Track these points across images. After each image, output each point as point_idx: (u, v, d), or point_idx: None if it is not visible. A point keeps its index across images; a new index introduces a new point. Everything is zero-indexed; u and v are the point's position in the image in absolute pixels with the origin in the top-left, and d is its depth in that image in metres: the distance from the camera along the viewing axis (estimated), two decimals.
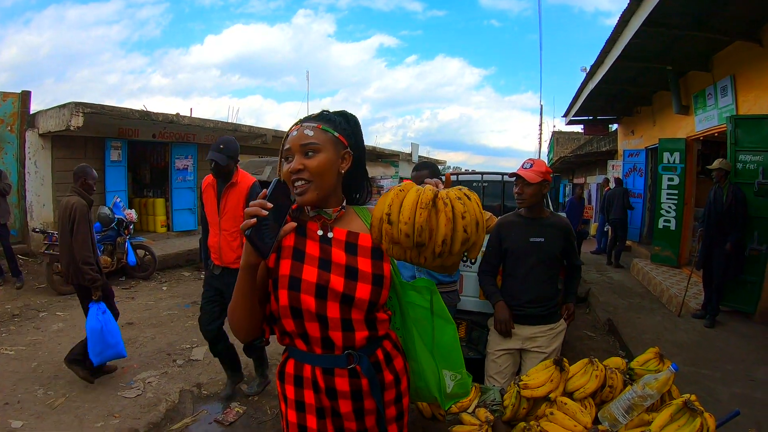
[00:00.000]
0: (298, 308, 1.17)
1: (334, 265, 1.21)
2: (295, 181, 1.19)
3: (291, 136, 1.23)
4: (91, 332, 3.55)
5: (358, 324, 1.21)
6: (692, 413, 1.36)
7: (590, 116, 11.90)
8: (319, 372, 1.21)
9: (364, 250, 1.25)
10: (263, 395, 3.71)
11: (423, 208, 1.10)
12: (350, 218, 1.32)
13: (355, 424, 1.24)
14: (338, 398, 1.22)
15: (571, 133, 22.44)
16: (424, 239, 1.11)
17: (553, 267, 2.60)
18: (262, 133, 12.00)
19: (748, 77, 5.62)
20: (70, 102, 7.58)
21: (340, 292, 1.18)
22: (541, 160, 2.59)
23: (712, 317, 5.16)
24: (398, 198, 1.14)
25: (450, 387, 1.43)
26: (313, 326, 1.19)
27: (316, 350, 1.21)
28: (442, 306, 1.44)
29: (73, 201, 3.79)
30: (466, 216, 1.13)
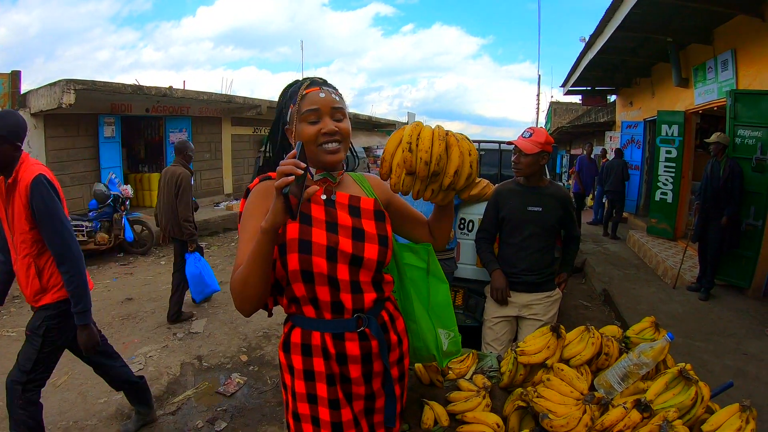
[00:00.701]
0: (309, 271, 1.17)
1: (341, 227, 1.22)
2: (327, 141, 1.22)
3: (317, 97, 1.23)
4: (191, 276, 4.53)
5: (366, 286, 1.23)
6: (687, 382, 1.38)
7: (588, 87, 11.80)
8: (329, 338, 1.21)
9: (367, 213, 1.28)
10: (263, 365, 3.77)
11: (441, 140, 1.19)
12: (348, 184, 1.36)
13: (363, 388, 1.26)
14: (348, 363, 1.23)
15: (569, 104, 22.24)
16: (441, 168, 1.20)
17: (549, 236, 2.59)
18: (256, 104, 11.91)
19: (750, 52, 5.55)
20: (61, 79, 7.45)
21: (349, 254, 1.19)
22: (542, 130, 2.56)
23: (707, 290, 5.22)
24: (415, 131, 1.21)
25: (445, 345, 1.48)
26: (323, 290, 1.19)
27: (325, 315, 1.22)
28: (437, 266, 1.49)
29: (180, 171, 4.60)
30: (472, 153, 1.23)
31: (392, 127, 20.38)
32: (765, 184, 5.04)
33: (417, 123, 1.23)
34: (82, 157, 8.87)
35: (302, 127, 1.23)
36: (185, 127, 11.05)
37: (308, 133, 1.22)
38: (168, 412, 3.11)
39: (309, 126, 1.22)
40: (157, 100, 9.83)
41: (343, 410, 1.23)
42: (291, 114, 1.26)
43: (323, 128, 1.22)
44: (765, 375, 3.53)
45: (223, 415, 3.08)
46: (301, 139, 1.22)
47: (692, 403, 1.34)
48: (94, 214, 6.82)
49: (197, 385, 3.46)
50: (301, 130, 1.23)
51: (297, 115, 1.24)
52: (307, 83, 1.27)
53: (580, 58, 9.07)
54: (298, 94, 1.25)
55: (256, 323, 4.58)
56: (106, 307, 5.03)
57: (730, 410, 1.27)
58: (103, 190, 6.98)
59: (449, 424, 1.45)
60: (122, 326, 4.52)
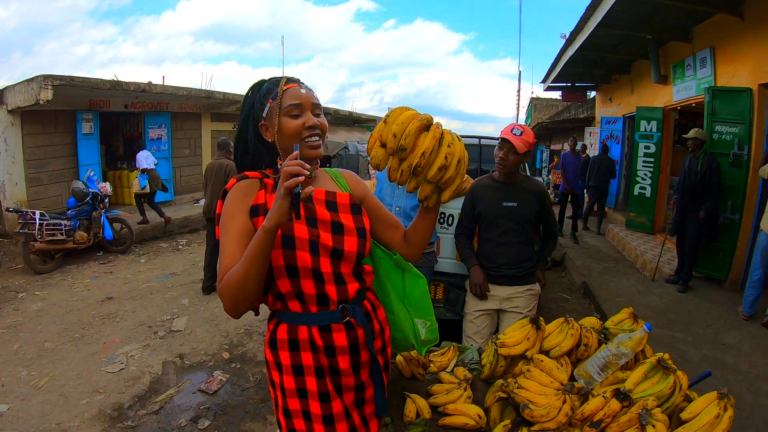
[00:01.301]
0: (294, 266, 1.19)
1: (320, 222, 1.24)
2: (310, 135, 1.25)
3: (299, 93, 1.26)
4: None
5: (348, 277, 1.26)
6: (665, 371, 1.40)
7: (569, 83, 11.88)
8: (316, 331, 1.23)
9: (344, 207, 1.30)
10: (245, 362, 3.75)
11: (418, 120, 1.20)
12: (323, 179, 1.38)
13: (353, 379, 1.28)
14: (336, 354, 1.25)
15: (549, 100, 22.39)
16: (408, 144, 1.19)
17: (526, 231, 2.60)
18: (236, 99, 11.77)
19: (728, 50, 5.64)
20: (39, 75, 7.28)
21: (330, 247, 1.22)
22: (530, 130, 2.55)
23: (685, 282, 5.32)
24: (401, 110, 1.24)
25: (423, 334, 1.49)
26: (308, 283, 1.21)
27: (311, 309, 1.23)
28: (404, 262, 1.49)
29: (227, 162, 5.26)
30: (452, 147, 1.22)
31: (373, 123, 20.30)
32: (742, 179, 5.16)
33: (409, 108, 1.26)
34: (60, 154, 8.69)
35: (285, 122, 1.24)
36: (164, 123, 10.89)
37: (292, 127, 1.24)
38: (151, 411, 3.08)
39: (292, 120, 1.24)
40: (136, 96, 9.67)
41: (334, 403, 1.25)
42: (270, 109, 1.27)
43: (306, 122, 1.24)
44: (742, 365, 3.61)
45: (206, 413, 3.06)
46: (284, 133, 1.25)
47: (671, 391, 1.36)
48: (73, 213, 6.68)
49: (179, 384, 3.43)
50: (285, 125, 1.24)
51: (279, 109, 1.25)
52: (285, 80, 1.29)
53: (561, 54, 9.12)
54: (279, 90, 1.26)
55: (237, 320, 4.54)
56: (86, 307, 4.94)
57: (708, 398, 1.29)
58: (81, 187, 6.83)
59: (431, 416, 1.46)
60: (103, 326, 4.45)
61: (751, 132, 5.11)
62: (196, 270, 6.49)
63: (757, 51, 5.04)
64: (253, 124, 1.31)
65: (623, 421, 1.27)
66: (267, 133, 1.30)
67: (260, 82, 1.35)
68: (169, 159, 10.90)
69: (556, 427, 1.23)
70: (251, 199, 1.24)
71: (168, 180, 10.80)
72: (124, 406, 3.12)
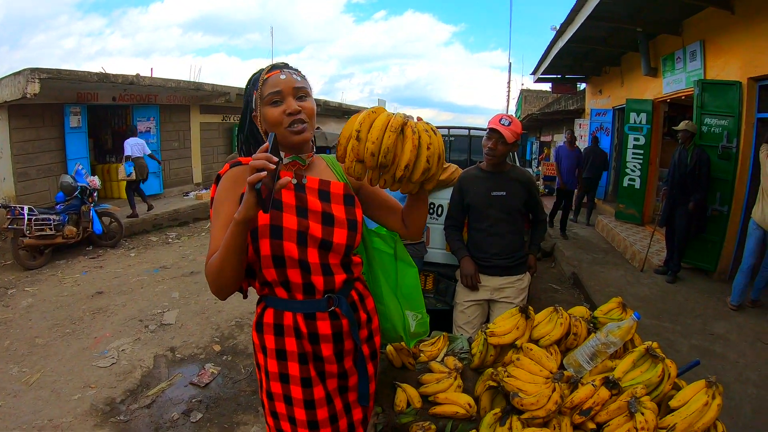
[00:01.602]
0: (280, 256, 1.20)
1: (310, 212, 1.24)
2: (293, 122, 1.23)
3: (278, 79, 1.25)
4: None
5: (335, 268, 1.26)
6: (654, 360, 1.41)
7: (559, 75, 11.88)
8: (301, 318, 1.25)
9: (337, 197, 1.29)
10: (236, 355, 3.75)
11: (392, 132, 1.13)
12: (320, 167, 1.37)
13: (336, 367, 1.29)
14: (320, 342, 1.26)
15: (540, 91, 22.47)
16: (388, 161, 1.15)
17: (516, 220, 2.61)
18: (225, 91, 11.69)
19: (718, 43, 5.67)
20: (26, 68, 7.16)
21: (319, 238, 1.22)
22: (517, 120, 2.56)
23: (674, 273, 5.38)
24: (369, 118, 1.16)
25: (413, 326, 1.51)
26: (294, 273, 1.22)
27: (297, 296, 1.25)
28: (404, 251, 1.51)
29: None
30: (431, 147, 1.17)
31: None
32: (730, 171, 5.21)
33: (375, 109, 1.20)
34: (47, 148, 8.58)
35: (266, 111, 1.25)
36: (153, 116, 10.79)
37: (273, 116, 1.24)
38: (143, 405, 3.06)
39: (272, 108, 1.24)
40: (124, 89, 9.55)
41: (315, 388, 1.27)
42: (255, 100, 1.28)
43: (287, 108, 1.23)
44: (730, 354, 3.66)
45: (198, 406, 3.05)
46: (266, 122, 1.25)
47: (659, 380, 1.37)
48: (62, 207, 6.61)
49: (171, 377, 3.41)
50: (266, 114, 1.25)
51: (260, 99, 1.26)
52: (268, 68, 1.29)
53: (551, 46, 9.12)
54: (260, 80, 1.27)
55: (228, 312, 4.54)
56: (76, 302, 4.90)
57: (696, 386, 1.31)
58: (70, 181, 6.75)
59: (422, 405, 1.47)
60: (93, 320, 4.42)
61: (740, 125, 5.15)
62: (186, 263, 6.46)
63: (747, 45, 5.07)
64: (250, 115, 1.33)
65: (612, 408, 1.29)
66: (259, 123, 1.30)
67: (255, 73, 1.34)
68: (158, 152, 10.80)
69: (546, 415, 1.24)
70: (242, 187, 1.21)
71: (157, 173, 10.72)
72: (116, 400, 3.11)
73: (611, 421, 1.27)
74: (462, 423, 1.38)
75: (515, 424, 1.26)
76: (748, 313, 4.42)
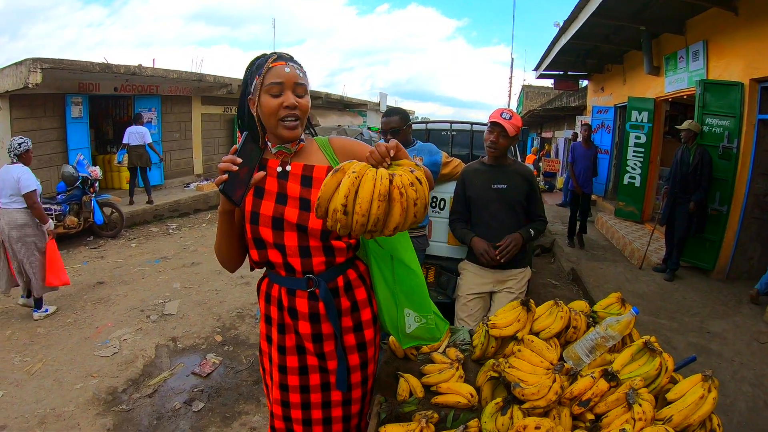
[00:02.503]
0: (259, 239, 1.33)
1: (289, 198, 1.32)
2: (287, 116, 1.28)
3: (282, 71, 1.28)
4: None
5: (315, 250, 1.33)
6: (652, 353, 1.43)
7: (561, 71, 11.87)
8: (284, 291, 1.36)
9: (319, 182, 1.28)
10: (238, 345, 3.78)
11: (381, 201, 1.06)
12: (310, 151, 1.41)
13: (313, 346, 1.38)
14: (299, 318, 1.36)
15: (541, 88, 22.40)
16: (378, 228, 1.10)
17: (517, 213, 2.62)
18: (227, 82, 11.68)
19: (721, 44, 5.68)
20: (27, 58, 7.14)
21: (294, 223, 1.30)
22: (517, 114, 2.59)
23: (672, 271, 5.41)
24: (354, 186, 1.07)
25: (411, 328, 1.43)
26: (274, 253, 1.33)
27: (281, 273, 1.37)
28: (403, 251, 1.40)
29: None
30: (418, 203, 1.11)
31: (364, 107, 20.13)
32: (730, 171, 5.23)
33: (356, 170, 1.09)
34: (49, 138, 8.57)
35: (265, 99, 1.28)
36: (155, 107, 10.76)
37: (270, 106, 1.27)
38: (145, 394, 3.10)
39: (271, 99, 1.27)
40: (126, 79, 9.53)
41: (289, 357, 1.39)
42: (255, 85, 1.30)
43: (285, 102, 1.27)
44: (726, 352, 3.70)
45: (200, 396, 3.08)
46: (262, 109, 1.29)
47: (657, 373, 1.40)
48: (63, 197, 6.62)
49: (173, 367, 3.44)
50: (264, 102, 1.28)
51: (261, 87, 1.28)
52: (275, 57, 1.31)
53: (554, 42, 9.11)
54: (265, 67, 1.28)
55: (229, 303, 4.58)
56: (77, 292, 4.92)
57: (693, 380, 1.33)
58: (71, 172, 6.75)
59: (424, 395, 1.49)
60: (95, 310, 4.44)
61: (741, 125, 5.17)
62: (187, 254, 6.48)
63: (750, 46, 5.08)
64: (246, 99, 1.37)
65: (611, 400, 1.31)
66: (253, 107, 1.34)
67: (256, 58, 1.36)
68: (160, 142, 10.78)
69: (546, 405, 1.26)
70: None
71: (158, 164, 10.74)
72: (118, 389, 3.13)
73: (609, 412, 1.30)
74: (464, 412, 1.40)
75: (516, 414, 1.28)
76: (745, 312, 4.45)
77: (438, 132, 4.42)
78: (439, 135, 4.36)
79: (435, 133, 4.39)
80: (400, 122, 2.94)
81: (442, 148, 3.34)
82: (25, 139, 4.37)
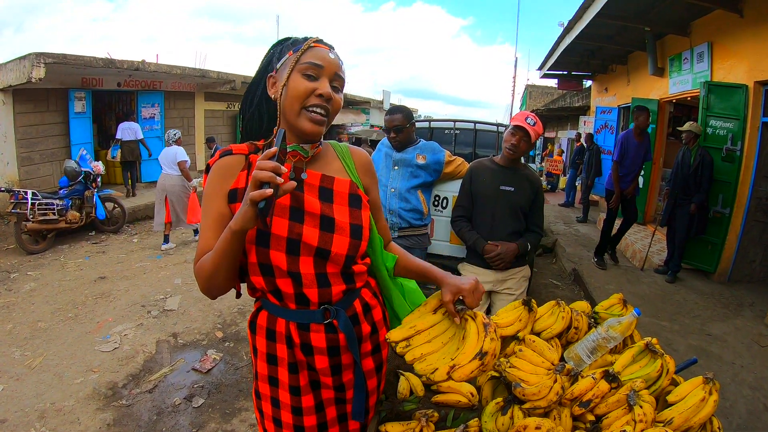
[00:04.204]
0: (267, 265, 1.06)
1: (307, 215, 1.08)
2: (317, 106, 1.07)
3: (326, 55, 1.09)
4: None
5: (334, 278, 1.12)
6: (653, 355, 1.43)
7: (565, 71, 11.84)
8: (294, 327, 1.12)
9: (341, 197, 1.14)
10: (238, 341, 3.79)
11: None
12: (327, 158, 1.21)
13: (331, 379, 1.18)
14: (314, 354, 1.14)
15: (545, 87, 22.41)
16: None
17: (519, 218, 2.61)
18: (231, 78, 11.73)
19: (725, 46, 5.66)
20: (31, 53, 7.18)
21: (314, 247, 1.07)
22: (539, 120, 2.57)
23: (674, 273, 5.40)
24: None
25: None
26: (285, 282, 1.09)
27: (290, 306, 1.12)
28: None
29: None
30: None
31: (367, 105, 20.11)
32: (734, 173, 5.22)
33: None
34: (52, 133, 8.61)
35: (296, 79, 1.06)
36: (158, 102, 10.81)
37: (299, 88, 1.06)
38: (145, 390, 3.10)
39: (304, 80, 1.06)
40: (129, 74, 9.58)
41: (305, 397, 1.17)
42: (286, 61, 1.09)
43: (319, 89, 1.06)
44: (727, 355, 3.69)
45: (200, 392, 3.09)
46: (289, 90, 1.07)
47: (658, 374, 1.39)
48: (65, 192, 6.63)
49: (173, 363, 3.45)
50: (293, 82, 1.06)
51: (294, 63, 1.06)
52: (316, 38, 1.11)
53: (558, 42, 9.10)
54: (305, 44, 1.08)
55: (230, 299, 4.53)
56: (79, 287, 4.94)
57: (693, 382, 1.33)
58: (73, 166, 6.77)
59: (424, 393, 1.49)
60: (96, 305, 4.45)
61: (745, 128, 5.16)
62: (188, 249, 6.50)
63: (755, 48, 5.07)
64: (264, 76, 1.16)
65: (612, 401, 1.31)
66: (272, 87, 1.12)
67: (287, 38, 1.18)
68: (162, 138, 10.81)
69: (547, 406, 1.26)
70: (231, 182, 1.11)
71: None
72: (119, 385, 3.15)
73: (610, 414, 1.29)
74: (464, 411, 1.40)
75: (516, 414, 1.28)
76: (746, 315, 4.45)
77: (441, 131, 4.42)
78: (443, 134, 4.36)
79: (438, 131, 4.39)
80: (404, 120, 2.93)
81: (445, 146, 3.34)
82: (177, 130, 6.80)
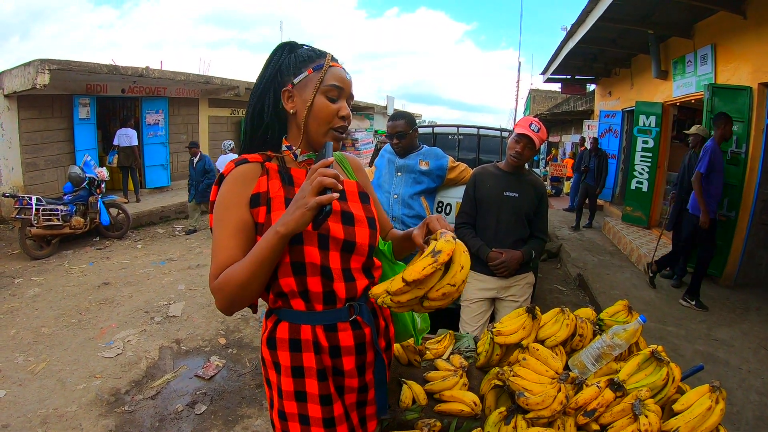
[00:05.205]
0: (300, 263, 1.10)
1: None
2: (341, 127, 1.17)
3: (344, 76, 1.17)
4: None
5: (357, 273, 1.18)
6: (659, 363, 1.41)
7: (568, 75, 11.83)
8: (321, 330, 1.15)
9: (352, 195, 1.23)
10: (241, 348, 3.77)
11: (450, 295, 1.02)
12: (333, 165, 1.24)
13: (356, 381, 1.20)
14: (342, 355, 1.16)
15: (549, 92, 22.45)
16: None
17: (523, 224, 2.59)
18: (234, 85, 11.75)
19: (729, 48, 5.64)
20: (35, 59, 7.22)
21: (341, 240, 1.13)
22: (544, 126, 2.55)
23: (679, 277, 5.35)
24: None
25: (418, 322, 1.44)
26: (315, 281, 1.12)
27: (316, 307, 1.14)
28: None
29: None
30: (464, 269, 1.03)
31: (371, 110, 20.08)
32: (739, 176, 5.18)
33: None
34: (56, 139, 8.65)
35: (321, 102, 1.14)
36: (162, 108, 10.84)
37: (328, 111, 1.14)
38: (148, 396, 3.09)
39: (328, 102, 1.14)
40: (134, 81, 9.61)
41: (335, 405, 1.18)
42: (306, 79, 1.15)
43: (341, 111, 1.16)
44: (734, 360, 3.65)
45: (202, 399, 3.08)
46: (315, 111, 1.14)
47: (664, 383, 1.38)
48: (69, 198, 6.66)
49: (176, 369, 3.44)
50: (320, 105, 1.13)
51: (318, 84, 1.13)
52: (331, 56, 1.18)
53: (561, 46, 9.10)
54: (325, 63, 1.15)
55: None
56: (82, 292, 4.95)
57: (700, 390, 1.31)
58: (78, 172, 6.81)
59: (427, 402, 1.48)
60: (99, 311, 4.46)
61: (750, 130, 5.12)
62: (192, 256, 6.50)
63: (758, 50, 5.04)
64: (275, 88, 1.19)
65: (617, 410, 1.29)
66: (289, 101, 1.17)
67: (291, 43, 1.22)
68: (166, 144, 10.87)
69: (551, 415, 1.24)
70: (251, 188, 1.12)
71: (165, 165, 10.82)
72: (121, 391, 3.14)
73: (615, 423, 1.28)
74: (467, 421, 1.39)
75: (520, 423, 1.26)
76: (752, 319, 4.40)
77: (445, 136, 4.40)
78: (446, 139, 4.34)
79: (442, 137, 4.38)
80: (406, 126, 2.92)
81: (449, 152, 3.32)
82: (230, 141, 8.02)
